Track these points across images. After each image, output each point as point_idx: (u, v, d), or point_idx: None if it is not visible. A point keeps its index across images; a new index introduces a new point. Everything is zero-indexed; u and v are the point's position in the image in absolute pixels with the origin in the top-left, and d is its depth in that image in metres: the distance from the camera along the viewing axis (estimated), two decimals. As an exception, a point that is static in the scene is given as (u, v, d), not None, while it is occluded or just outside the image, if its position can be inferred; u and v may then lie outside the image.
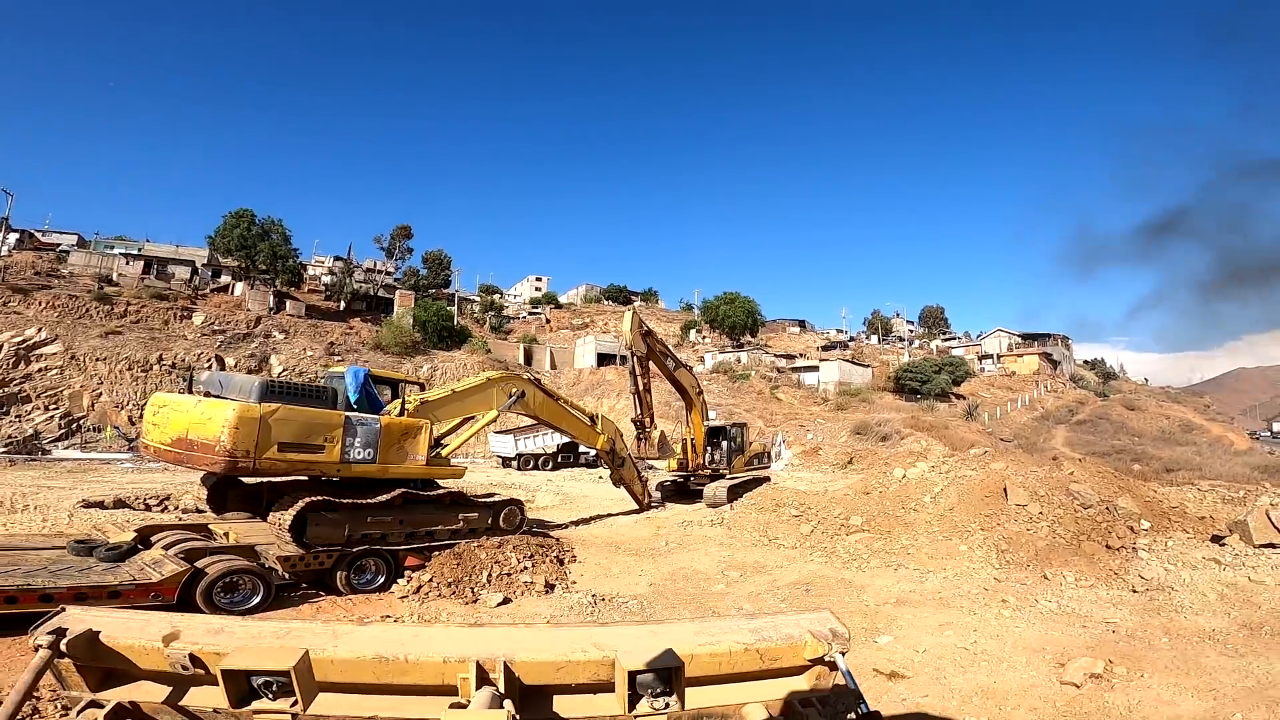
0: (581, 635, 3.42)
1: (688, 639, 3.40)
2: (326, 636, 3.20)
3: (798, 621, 3.64)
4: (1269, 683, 6.08)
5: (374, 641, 3.16)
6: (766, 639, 3.47)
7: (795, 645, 3.47)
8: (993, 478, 14.76)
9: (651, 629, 3.65)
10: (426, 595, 9.45)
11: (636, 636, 3.42)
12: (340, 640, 3.16)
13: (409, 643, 3.15)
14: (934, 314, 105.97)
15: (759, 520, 15.52)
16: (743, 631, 3.53)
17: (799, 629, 3.55)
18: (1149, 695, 5.96)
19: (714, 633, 3.52)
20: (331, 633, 3.27)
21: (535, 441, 32.02)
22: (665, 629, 3.64)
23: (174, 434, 8.75)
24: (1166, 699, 5.87)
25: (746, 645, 3.40)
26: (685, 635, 3.47)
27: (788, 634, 3.52)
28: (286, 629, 3.31)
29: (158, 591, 7.54)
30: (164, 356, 39.66)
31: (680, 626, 3.69)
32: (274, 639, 3.15)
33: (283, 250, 50.63)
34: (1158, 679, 6.34)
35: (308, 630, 3.32)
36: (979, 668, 6.95)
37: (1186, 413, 60.05)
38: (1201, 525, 13.15)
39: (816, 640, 3.43)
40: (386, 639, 3.21)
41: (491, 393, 12.71)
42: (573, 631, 3.54)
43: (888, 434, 37.59)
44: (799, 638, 3.49)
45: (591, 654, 3.19)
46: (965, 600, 9.66)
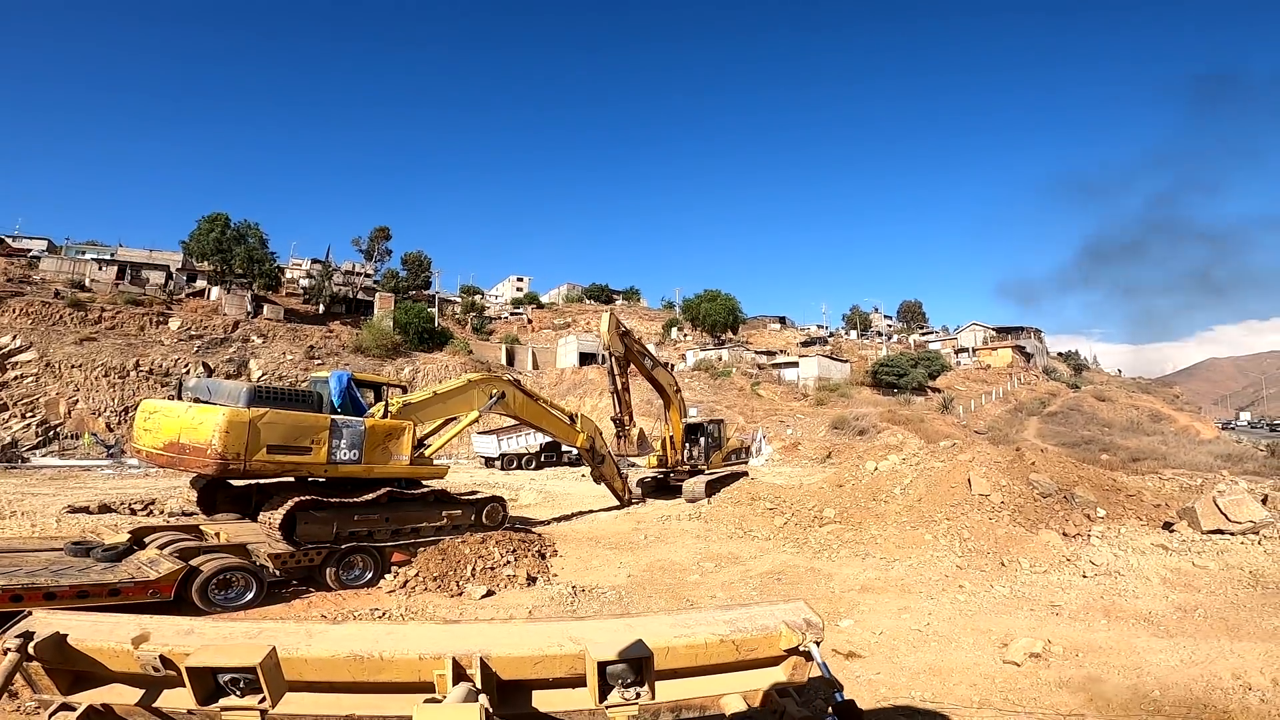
0: (557, 630, 3.47)
1: (663, 631, 3.46)
2: (299, 635, 3.22)
3: (772, 612, 3.73)
4: (1189, 662, 6.62)
5: (349, 640, 3.18)
6: (742, 630, 3.53)
7: (770, 636, 3.54)
8: (958, 469, 15.33)
9: (627, 622, 3.70)
10: (413, 589, 9.84)
11: (612, 630, 3.45)
12: (314, 639, 3.17)
13: (384, 640, 3.17)
14: (912, 308, 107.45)
15: (735, 513, 16.04)
16: (718, 623, 3.60)
17: (774, 620, 3.62)
18: (1079, 673, 6.49)
19: (690, 625, 3.58)
20: (305, 632, 3.28)
21: (518, 441, 32.35)
22: (641, 622, 3.69)
23: (166, 438, 9.07)
24: (1095, 676, 6.39)
25: (722, 637, 3.46)
26: (661, 628, 3.52)
27: (763, 625, 3.59)
28: (259, 629, 3.33)
29: (155, 589, 7.86)
30: (140, 363, 39.36)
31: (656, 619, 3.76)
32: (245, 639, 3.16)
33: (259, 254, 50.32)
34: (1090, 658, 6.86)
35: (280, 630, 3.33)
36: (929, 648, 7.48)
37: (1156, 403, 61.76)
38: (1156, 513, 13.81)
39: (791, 631, 3.51)
40: (361, 637, 3.22)
41: (472, 394, 13.10)
42: (548, 626, 3.62)
43: (865, 428, 38.36)
44: (774, 628, 3.55)
45: (568, 648, 3.23)
46: (925, 586, 10.20)
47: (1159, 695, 5.87)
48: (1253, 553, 10.51)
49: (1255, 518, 11.56)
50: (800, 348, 70.60)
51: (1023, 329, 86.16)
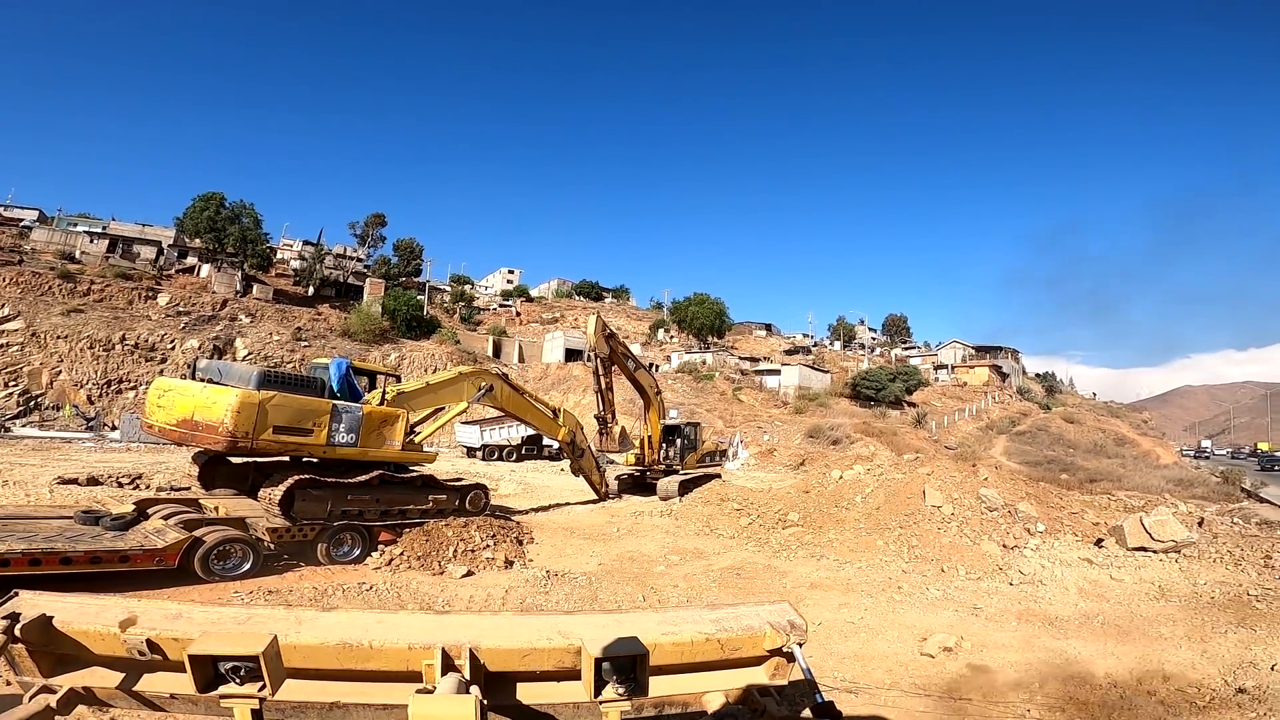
0: (547, 623, 3.52)
1: (651, 628, 3.50)
2: (290, 622, 3.20)
3: (757, 613, 3.78)
4: (1073, 660, 7.56)
5: (338, 627, 3.19)
6: (727, 629, 3.59)
7: (755, 636, 3.59)
8: (916, 481, 16.27)
9: (616, 618, 3.77)
10: (398, 567, 10.61)
11: (601, 625, 3.49)
12: (304, 626, 3.17)
13: (373, 629, 3.18)
14: (897, 322, 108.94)
15: (704, 512, 16.95)
16: (704, 622, 3.65)
17: (759, 620, 3.68)
18: (977, 665, 7.40)
19: (677, 623, 3.63)
20: (295, 618, 3.28)
21: (501, 433, 33.05)
22: (629, 618, 3.77)
23: (179, 415, 9.78)
24: (990, 669, 7.30)
25: (708, 635, 3.52)
26: (649, 624, 3.56)
27: (748, 625, 3.65)
28: (248, 615, 3.33)
29: (162, 557, 8.57)
30: (127, 337, 39.55)
31: (644, 616, 3.85)
32: (235, 624, 3.17)
33: (253, 234, 50.48)
34: (992, 654, 7.78)
35: (270, 616, 3.33)
36: (859, 638, 8.38)
37: (1122, 427, 63.64)
38: (1093, 530, 14.83)
39: (775, 631, 3.57)
40: (351, 625, 3.23)
41: (462, 386, 13.88)
42: (538, 619, 3.68)
43: (839, 438, 39.45)
44: (759, 628, 3.61)
45: (557, 641, 3.27)
46: (868, 586, 11.06)
47: (1037, 687, 6.78)
48: (1167, 569, 11.56)
49: (1177, 537, 12.63)
50: (784, 356, 71.76)
51: (1001, 349, 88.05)
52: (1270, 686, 6.48)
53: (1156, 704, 6.32)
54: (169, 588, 8.76)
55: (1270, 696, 6.30)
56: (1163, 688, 6.66)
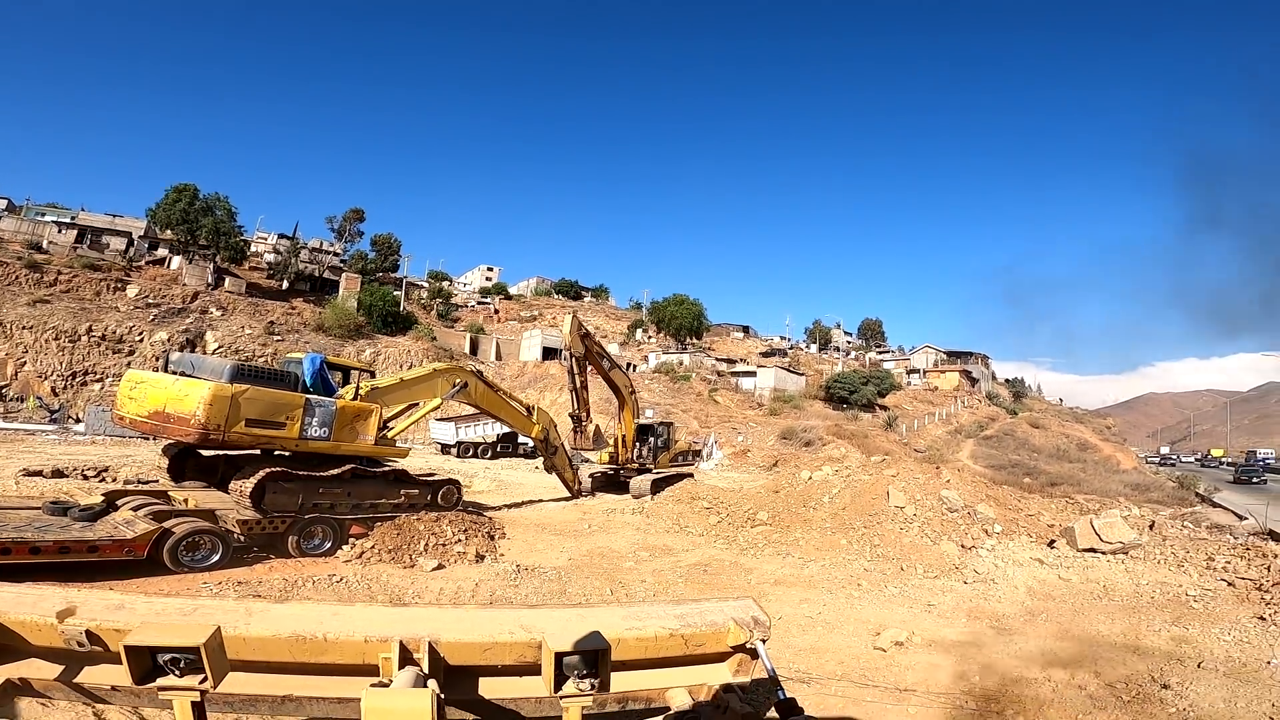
0: (509, 617, 3.48)
1: (615, 623, 3.46)
2: (239, 614, 3.13)
3: (722, 609, 3.76)
4: (1013, 655, 7.95)
5: (291, 619, 3.11)
6: (691, 625, 3.57)
7: (719, 632, 3.56)
8: (881, 482, 16.70)
9: (579, 612, 3.76)
10: (369, 560, 10.73)
11: (564, 619, 3.48)
12: (254, 617, 3.10)
13: (328, 621, 3.11)
14: (872, 326, 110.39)
15: (674, 510, 17.24)
16: (669, 617, 3.62)
17: (723, 616, 3.65)
18: (925, 659, 7.78)
19: (641, 617, 3.60)
20: (245, 610, 3.21)
21: (475, 430, 33.07)
22: (593, 612, 3.75)
23: (151, 407, 9.81)
24: (936, 663, 7.67)
25: (672, 631, 3.49)
26: (612, 619, 3.54)
27: (712, 620, 3.63)
28: (194, 606, 3.23)
29: (131, 548, 8.61)
30: (93, 328, 38.85)
31: (608, 610, 3.82)
32: (179, 615, 3.09)
33: (226, 226, 49.76)
34: (938, 648, 8.15)
35: (219, 607, 3.26)
36: (815, 631, 8.72)
37: (1086, 433, 65.36)
38: (1048, 531, 15.37)
39: (739, 628, 3.54)
40: (305, 617, 3.16)
41: (437, 382, 14.01)
42: (500, 613, 3.66)
43: (812, 440, 40.04)
44: (722, 625, 3.58)
45: (519, 635, 3.23)
46: (829, 583, 11.40)
47: (977, 680, 7.16)
48: (1113, 570, 12.07)
49: (1125, 539, 13.17)
50: (760, 358, 72.43)
51: (971, 354, 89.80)
52: (1193, 682, 6.91)
53: (1085, 698, 6.71)
54: (138, 578, 8.81)
55: (1191, 691, 6.71)
56: (1093, 682, 7.06)
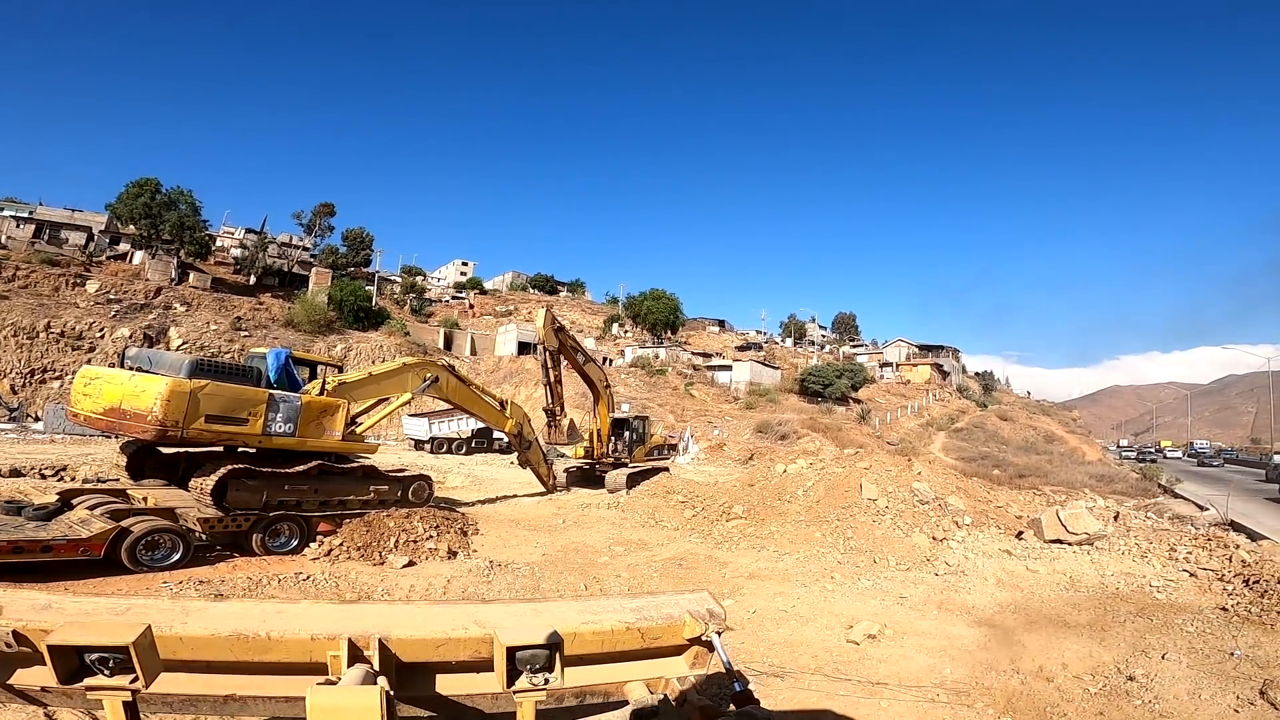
0: (462, 612, 3.44)
1: (570, 617, 3.48)
2: (175, 613, 3.07)
3: (677, 601, 3.79)
4: (982, 647, 8.05)
5: (231, 618, 3.06)
6: (648, 618, 3.59)
7: (675, 625, 3.60)
8: (854, 475, 16.82)
9: (533, 606, 3.74)
10: (337, 557, 10.51)
11: (518, 614, 3.49)
12: (191, 616, 3.05)
13: (271, 619, 3.05)
14: (846, 320, 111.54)
15: (649, 504, 17.20)
16: (625, 610, 3.64)
17: (679, 609, 3.69)
18: (897, 652, 7.83)
19: (597, 611, 3.62)
20: (181, 609, 3.15)
21: (449, 425, 32.69)
22: (548, 606, 3.74)
23: (106, 404, 9.48)
24: (908, 655, 7.73)
25: (628, 624, 3.50)
26: (568, 613, 3.55)
27: (668, 613, 3.65)
28: (126, 605, 3.16)
29: (86, 547, 8.33)
30: (52, 324, 37.72)
31: (563, 605, 3.81)
32: (110, 614, 3.02)
33: (190, 221, 48.48)
34: (910, 641, 8.21)
35: (152, 606, 3.18)
36: (790, 625, 8.72)
37: (1052, 425, 66.87)
38: (1016, 523, 15.63)
39: (695, 620, 3.59)
40: (246, 615, 3.10)
41: (406, 377, 13.75)
42: (453, 609, 3.59)
43: (787, 433, 40.32)
44: (678, 617, 3.62)
45: (472, 631, 3.20)
46: (804, 577, 11.42)
47: (948, 673, 7.22)
48: (1079, 560, 12.29)
49: (1090, 530, 13.43)
50: (736, 352, 72.78)
51: (942, 348, 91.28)
52: (1158, 674, 7.02)
53: (1053, 690, 6.80)
54: (94, 578, 8.56)
55: (1157, 684, 6.82)
56: (1061, 674, 7.16)
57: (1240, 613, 8.88)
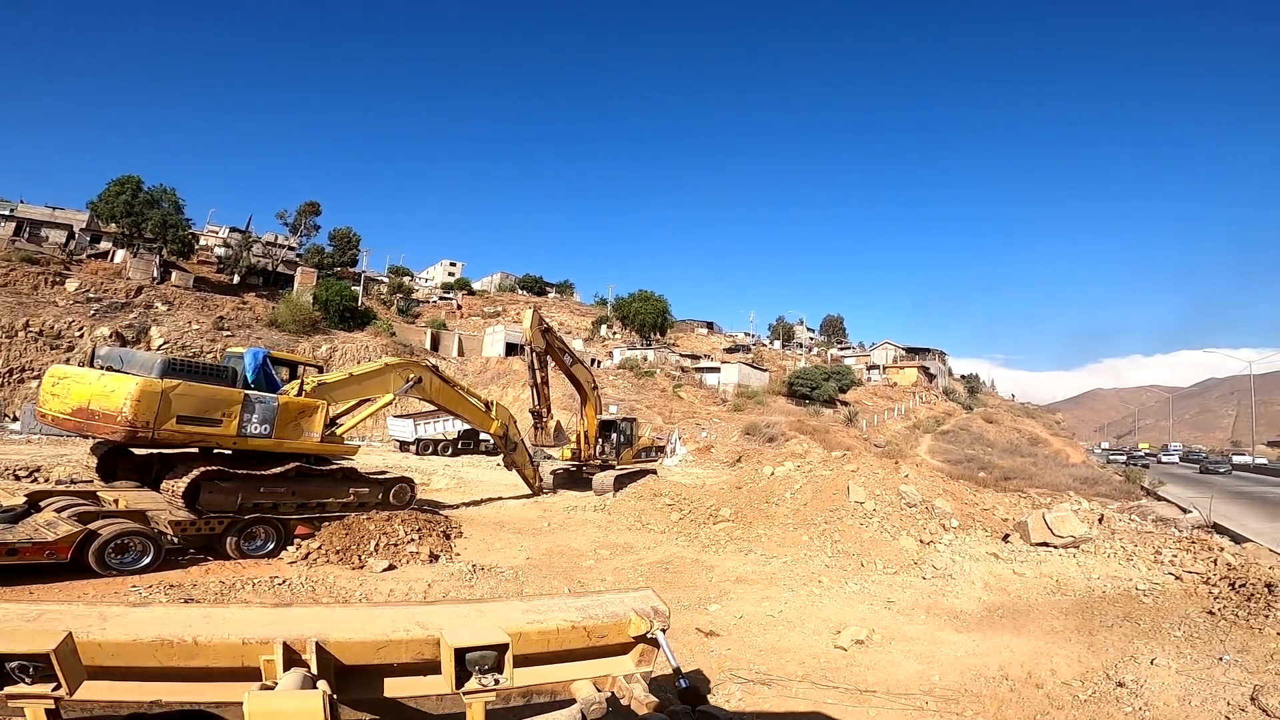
0: (404, 614, 3.42)
1: (515, 617, 3.49)
2: (92, 619, 3.01)
3: (622, 600, 3.86)
4: (971, 653, 7.93)
5: (155, 623, 3.00)
6: (593, 617, 3.62)
7: (620, 623, 3.64)
8: (841, 478, 16.75)
9: (478, 607, 3.74)
10: (314, 561, 10.27)
11: (463, 615, 3.47)
12: (109, 622, 2.99)
13: (197, 624, 3.00)
14: (834, 323, 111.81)
15: (636, 507, 17.04)
16: (570, 609, 3.67)
17: (624, 607, 3.74)
18: (885, 658, 7.69)
19: (542, 610, 3.63)
20: (99, 615, 3.09)
21: (435, 427, 32.36)
22: (492, 607, 3.74)
23: (75, 404, 9.22)
24: (896, 661, 7.60)
25: (574, 623, 3.53)
26: (513, 613, 3.56)
27: (613, 612, 3.70)
28: (39, 611, 3.13)
29: (53, 550, 8.08)
30: (31, 323, 37.06)
31: (508, 605, 3.82)
32: (22, 620, 2.97)
33: (173, 219, 47.79)
34: (899, 647, 8.08)
35: (67, 612, 3.13)
36: (777, 631, 8.57)
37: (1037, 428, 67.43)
38: (1002, 525, 15.60)
39: (640, 618, 3.65)
40: (170, 620, 3.05)
41: (389, 377, 13.51)
42: (395, 610, 3.58)
43: (775, 435, 40.32)
44: (623, 615, 3.67)
45: (415, 633, 3.18)
46: (791, 580, 11.31)
47: (937, 679, 7.09)
48: (1065, 563, 12.26)
49: (1076, 533, 13.42)
50: (724, 354, 72.77)
51: (929, 350, 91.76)
52: (1148, 679, 6.93)
53: (1043, 697, 6.69)
54: (61, 582, 8.31)
55: (1146, 690, 6.72)
56: (1050, 680, 7.05)
57: (1227, 616, 8.85)
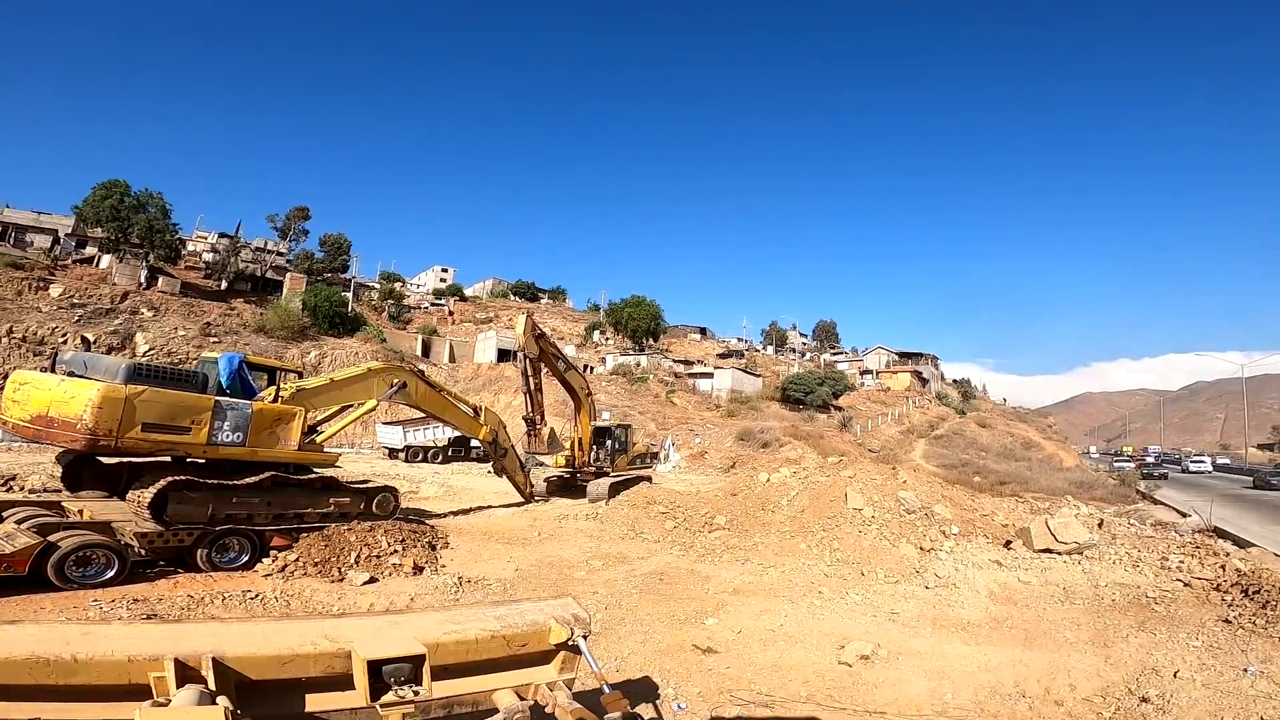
0: (311, 627, 3.36)
1: (433, 627, 3.46)
2: None
3: (541, 608, 3.83)
4: (984, 668, 7.54)
5: (28, 640, 2.87)
6: (512, 625, 3.59)
7: (540, 631, 3.62)
8: (839, 484, 16.36)
9: (392, 618, 3.69)
10: (291, 574, 9.80)
11: (375, 626, 3.42)
12: None
13: (76, 641, 2.88)
14: (827, 328, 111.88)
15: (629, 516, 16.58)
16: (488, 618, 3.63)
17: (543, 615, 3.72)
18: (893, 675, 7.27)
19: (459, 620, 3.60)
20: None
21: (425, 434, 31.82)
22: (407, 618, 3.69)
23: (34, 411, 8.77)
24: (905, 678, 7.19)
25: (493, 632, 3.50)
26: (430, 624, 3.52)
27: (532, 620, 3.67)
28: None
29: (9, 563, 7.63)
30: (13, 329, 36.45)
31: (424, 615, 3.78)
32: None
33: (160, 224, 47.17)
34: (906, 662, 7.67)
35: None
36: (777, 646, 8.14)
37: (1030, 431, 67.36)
38: (1003, 532, 15.23)
39: (560, 625, 3.62)
40: (45, 638, 2.92)
41: (372, 382, 13.05)
42: (300, 624, 3.51)
43: (769, 441, 39.95)
44: (543, 623, 3.64)
45: (324, 646, 3.11)
46: (790, 591, 10.88)
47: (949, 698, 6.69)
48: (1071, 571, 11.90)
49: (1080, 539, 13.08)
50: (717, 359, 72.44)
51: (922, 355, 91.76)
52: (1174, 694, 6.55)
53: (1064, 715, 6.32)
54: (18, 596, 7.81)
55: (1174, 705, 6.35)
56: (1069, 697, 6.67)
57: (1245, 625, 8.49)
